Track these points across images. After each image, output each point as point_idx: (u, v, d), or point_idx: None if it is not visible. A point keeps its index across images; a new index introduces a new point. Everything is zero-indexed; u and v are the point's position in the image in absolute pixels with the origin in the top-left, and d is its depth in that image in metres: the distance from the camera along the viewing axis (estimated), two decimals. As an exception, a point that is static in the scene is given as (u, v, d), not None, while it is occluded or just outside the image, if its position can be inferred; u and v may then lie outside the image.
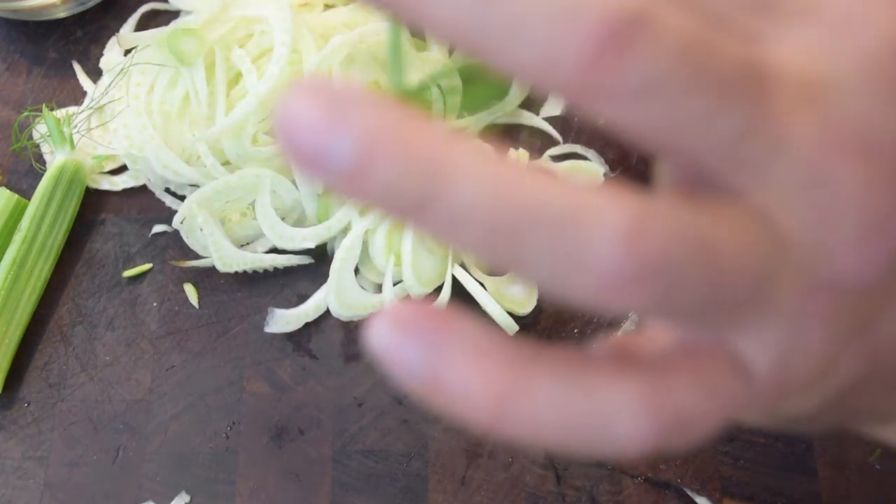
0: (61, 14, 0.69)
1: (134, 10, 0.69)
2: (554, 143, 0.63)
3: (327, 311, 0.58)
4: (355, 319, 0.58)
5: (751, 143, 0.16)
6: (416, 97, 0.20)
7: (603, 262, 0.15)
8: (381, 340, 0.17)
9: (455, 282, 0.57)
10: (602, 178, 0.61)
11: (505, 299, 0.57)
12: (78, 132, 0.62)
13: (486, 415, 0.17)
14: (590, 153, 0.62)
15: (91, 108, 0.63)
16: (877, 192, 0.17)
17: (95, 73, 0.67)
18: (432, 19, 0.15)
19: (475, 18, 0.15)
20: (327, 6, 0.66)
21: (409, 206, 0.15)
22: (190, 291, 0.60)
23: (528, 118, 0.64)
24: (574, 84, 0.15)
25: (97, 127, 0.64)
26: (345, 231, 0.59)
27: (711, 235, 0.16)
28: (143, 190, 0.63)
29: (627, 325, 0.57)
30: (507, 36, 0.15)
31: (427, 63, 0.63)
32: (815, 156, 0.17)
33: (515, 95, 0.65)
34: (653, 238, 0.16)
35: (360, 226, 0.57)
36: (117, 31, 0.68)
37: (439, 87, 0.63)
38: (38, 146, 0.65)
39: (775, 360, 0.19)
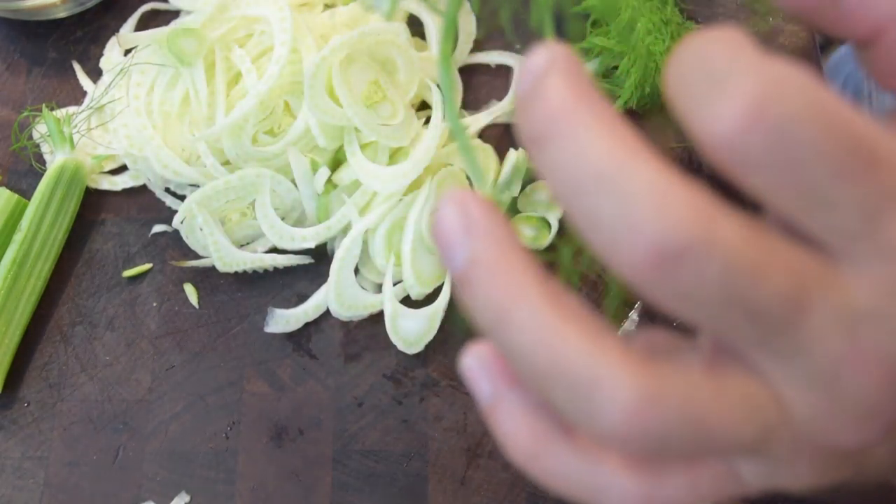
0: (61, 14, 0.69)
1: (134, 10, 0.69)
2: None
3: (327, 311, 0.58)
4: (355, 319, 0.58)
5: (778, 343, 0.20)
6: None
7: (609, 425, 0.20)
8: (469, 371, 0.24)
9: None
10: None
11: (505, 299, 0.57)
12: (78, 132, 0.62)
13: (521, 456, 0.23)
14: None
15: (91, 108, 0.63)
16: (882, 394, 0.20)
17: (95, 73, 0.67)
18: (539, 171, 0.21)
19: (563, 194, 0.20)
20: (327, 6, 0.66)
21: (483, 324, 0.21)
22: (190, 291, 0.60)
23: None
24: (629, 271, 0.19)
25: (97, 127, 0.64)
26: (345, 231, 0.59)
27: (709, 409, 0.20)
28: (143, 190, 0.63)
29: (627, 325, 0.57)
30: (591, 227, 0.19)
31: (427, 62, 0.63)
32: (832, 362, 0.20)
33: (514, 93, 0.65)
34: (653, 419, 0.20)
35: (360, 226, 0.57)
36: (117, 31, 0.68)
37: (438, 87, 0.63)
38: (38, 146, 0.65)
39: (764, 484, 0.23)
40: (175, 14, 0.68)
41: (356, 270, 0.59)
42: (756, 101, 0.18)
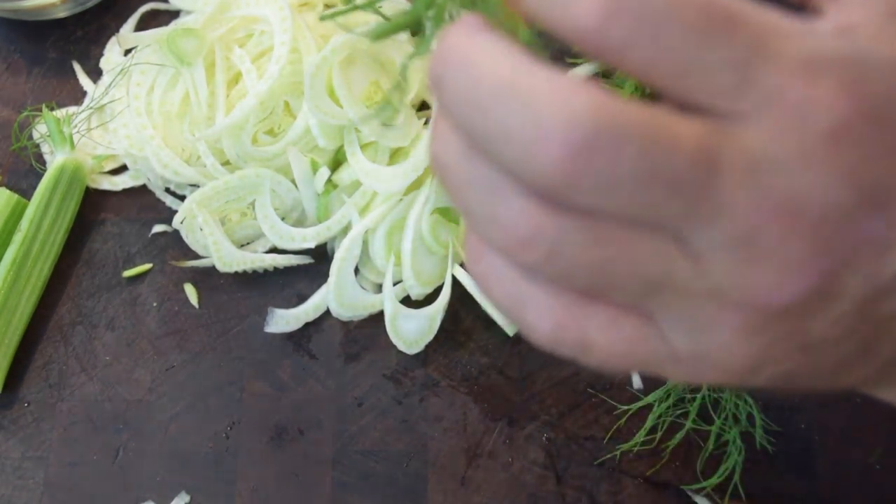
0: (61, 14, 0.69)
1: (134, 10, 0.69)
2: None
3: (327, 311, 0.58)
4: (355, 319, 0.58)
5: (696, 215, 0.21)
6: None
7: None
8: (476, 268, 0.24)
9: (455, 282, 0.57)
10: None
11: (505, 299, 0.57)
12: (78, 132, 0.62)
13: (468, 257, 0.25)
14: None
15: (91, 108, 0.63)
16: (796, 243, 0.21)
17: (95, 73, 0.67)
18: (443, 103, 0.21)
19: (466, 115, 0.21)
20: (327, 6, 0.66)
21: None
22: (190, 291, 0.60)
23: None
24: (546, 183, 0.20)
25: (97, 127, 0.64)
26: (345, 231, 0.59)
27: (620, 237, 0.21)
28: (143, 190, 0.63)
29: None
30: (494, 135, 0.20)
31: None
32: (746, 219, 0.21)
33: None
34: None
35: (360, 226, 0.57)
36: (117, 31, 0.68)
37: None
38: (38, 146, 0.65)
39: (692, 348, 0.23)
40: (175, 14, 0.68)
41: (356, 270, 0.59)
42: None
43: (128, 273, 0.60)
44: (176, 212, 0.60)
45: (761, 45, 0.21)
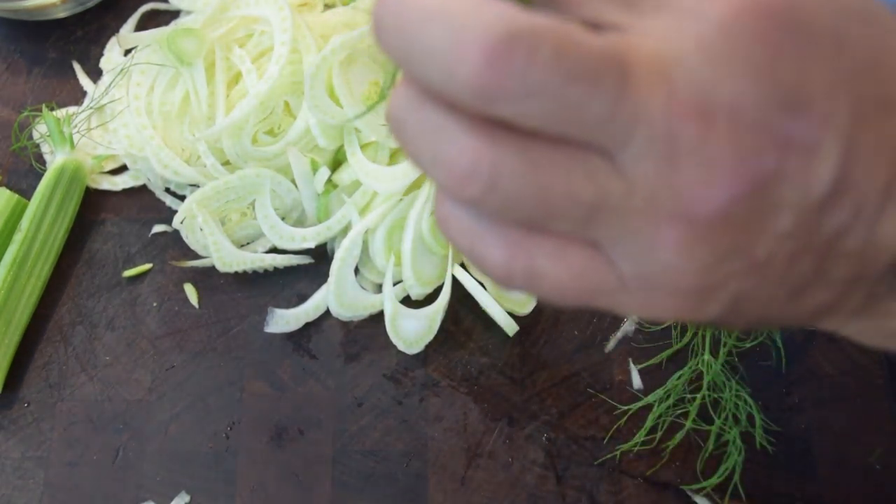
0: (61, 14, 0.69)
1: (134, 10, 0.69)
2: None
3: (327, 311, 0.58)
4: (355, 319, 0.58)
5: (616, 121, 0.21)
6: None
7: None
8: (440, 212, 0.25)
9: (455, 282, 0.57)
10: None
11: (505, 299, 0.57)
12: (78, 132, 0.62)
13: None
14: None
15: (91, 108, 0.63)
16: (714, 143, 0.21)
17: (95, 73, 0.67)
18: (383, 47, 0.22)
19: (399, 47, 0.21)
20: (327, 6, 0.66)
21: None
22: (190, 291, 0.60)
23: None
24: (471, 94, 0.21)
25: (97, 127, 0.64)
26: (345, 231, 0.59)
27: (549, 162, 0.22)
28: (143, 190, 0.63)
29: (627, 325, 0.57)
30: (422, 59, 0.21)
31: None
32: (662, 120, 0.21)
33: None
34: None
35: (360, 226, 0.57)
36: (117, 31, 0.68)
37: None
38: (38, 146, 0.65)
39: (638, 271, 0.23)
40: (175, 14, 0.68)
41: (356, 270, 0.59)
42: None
43: (128, 273, 0.60)
44: (176, 212, 0.60)
45: None
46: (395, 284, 0.58)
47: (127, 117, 0.61)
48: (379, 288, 0.59)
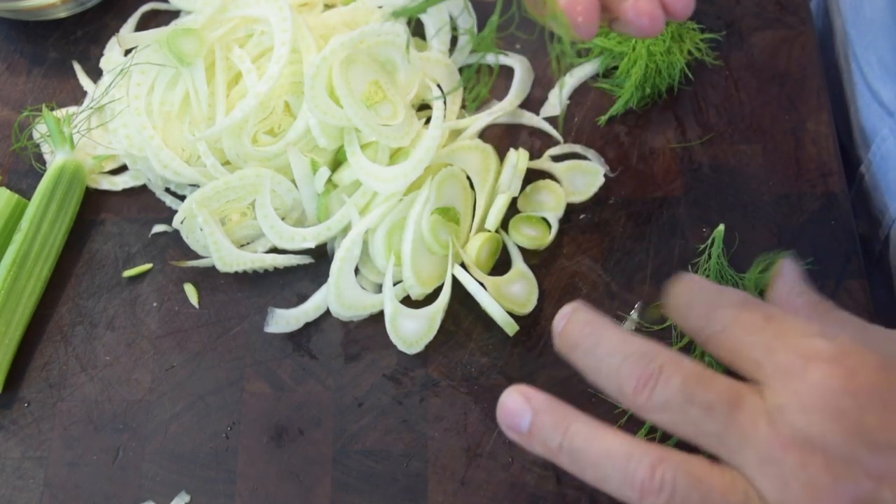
0: (61, 14, 0.69)
1: (134, 10, 0.69)
2: (554, 143, 0.63)
3: (327, 311, 0.58)
4: (355, 319, 0.58)
5: (728, 439, 0.34)
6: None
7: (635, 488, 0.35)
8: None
9: (455, 282, 0.57)
10: (601, 178, 0.61)
11: (505, 299, 0.57)
12: (78, 132, 0.62)
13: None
14: (590, 153, 0.62)
15: (91, 108, 0.63)
16: (812, 468, 0.32)
17: (95, 73, 0.67)
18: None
19: (585, 359, 0.39)
20: (327, 6, 0.66)
21: (547, 450, 0.38)
22: (190, 291, 0.60)
23: (529, 118, 0.64)
24: (629, 402, 0.36)
25: (97, 127, 0.64)
26: (345, 231, 0.59)
27: (708, 475, 0.35)
28: (143, 190, 0.63)
29: (627, 325, 0.57)
30: (599, 379, 0.38)
31: (427, 62, 0.63)
32: (767, 446, 0.33)
33: (516, 95, 0.65)
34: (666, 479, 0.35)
35: (360, 226, 0.57)
36: (117, 31, 0.68)
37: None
38: (38, 146, 0.65)
39: None
40: (175, 14, 0.69)
41: (356, 270, 0.59)
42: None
43: (128, 273, 0.60)
44: (176, 212, 0.60)
45: (780, 335, 0.35)
46: (395, 284, 0.58)
47: (127, 117, 0.61)
48: (379, 288, 0.59)
